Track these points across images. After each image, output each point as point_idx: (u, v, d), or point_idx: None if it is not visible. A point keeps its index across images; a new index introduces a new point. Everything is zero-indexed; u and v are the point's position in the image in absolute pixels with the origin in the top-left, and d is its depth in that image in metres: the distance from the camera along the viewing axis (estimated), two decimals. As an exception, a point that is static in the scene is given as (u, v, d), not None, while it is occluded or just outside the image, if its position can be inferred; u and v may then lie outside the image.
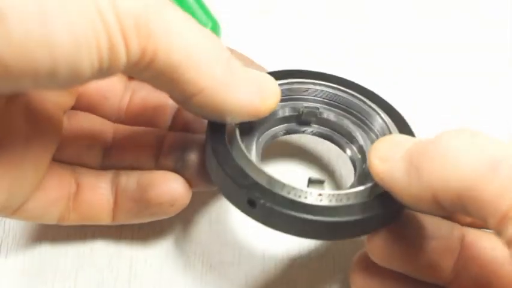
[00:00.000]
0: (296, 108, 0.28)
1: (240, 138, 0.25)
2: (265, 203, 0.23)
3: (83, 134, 0.27)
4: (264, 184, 0.23)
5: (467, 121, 0.35)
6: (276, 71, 0.28)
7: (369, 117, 0.28)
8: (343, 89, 0.28)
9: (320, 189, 0.24)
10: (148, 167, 0.27)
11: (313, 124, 0.29)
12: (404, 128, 0.27)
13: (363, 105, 0.28)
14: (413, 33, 0.39)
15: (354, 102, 0.28)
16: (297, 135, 0.31)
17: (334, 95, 0.28)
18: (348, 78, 0.29)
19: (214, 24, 0.33)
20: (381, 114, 0.27)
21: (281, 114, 0.28)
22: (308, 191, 0.23)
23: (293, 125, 0.29)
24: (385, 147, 0.23)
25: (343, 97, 0.28)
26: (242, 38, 0.37)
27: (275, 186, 0.23)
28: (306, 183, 0.25)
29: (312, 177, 0.25)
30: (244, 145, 0.25)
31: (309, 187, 0.25)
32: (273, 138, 0.29)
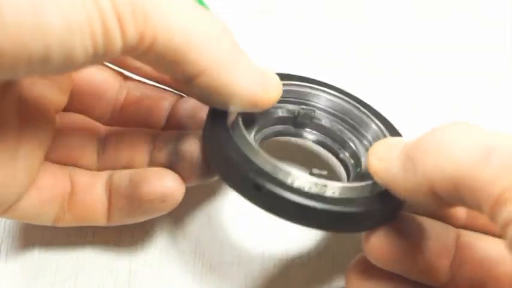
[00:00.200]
0: (292, 110, 0.29)
1: (243, 125, 0.25)
2: (271, 188, 0.22)
3: (76, 134, 0.27)
4: (269, 171, 0.23)
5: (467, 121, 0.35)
6: (277, 73, 0.28)
7: (363, 123, 0.28)
8: (340, 95, 0.28)
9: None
10: (143, 166, 0.27)
11: (308, 128, 0.29)
12: (397, 136, 0.27)
13: (358, 112, 0.28)
14: (413, 33, 0.39)
15: (350, 109, 0.28)
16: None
17: (331, 100, 0.29)
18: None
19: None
20: (375, 121, 0.28)
21: (278, 114, 0.28)
22: (313, 181, 0.23)
23: (288, 127, 0.29)
24: (383, 149, 0.23)
25: (339, 103, 0.29)
26: (242, 38, 0.37)
27: (280, 173, 0.23)
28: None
29: (314, 170, 0.25)
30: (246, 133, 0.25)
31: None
32: (267, 137, 0.29)
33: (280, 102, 0.26)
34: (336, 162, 0.29)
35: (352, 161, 0.28)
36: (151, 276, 0.29)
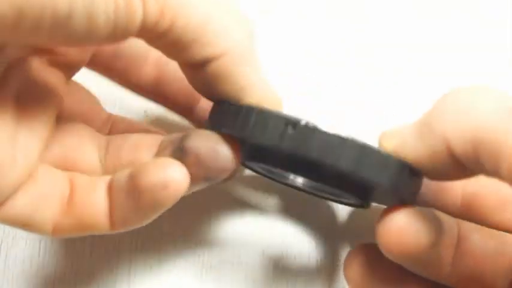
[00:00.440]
0: None
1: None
2: (307, 123, 0.21)
3: (74, 135, 0.26)
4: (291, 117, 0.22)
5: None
6: None
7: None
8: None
9: None
10: None
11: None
12: None
13: None
14: (413, 33, 0.39)
15: None
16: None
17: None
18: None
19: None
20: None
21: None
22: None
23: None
24: (393, 128, 0.23)
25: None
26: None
27: (302, 121, 0.22)
28: None
29: None
30: None
31: None
32: None
33: None
34: None
35: None
36: (150, 277, 0.29)
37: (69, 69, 0.26)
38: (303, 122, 0.21)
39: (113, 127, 0.28)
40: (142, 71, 0.28)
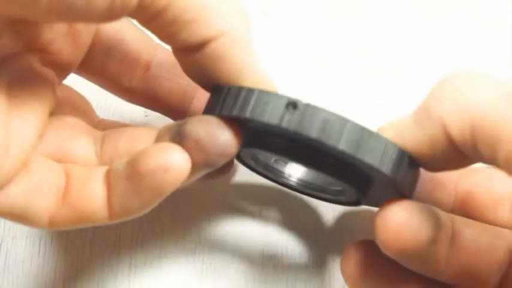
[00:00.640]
0: None
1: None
2: (309, 103, 0.21)
3: (68, 126, 0.26)
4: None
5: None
6: None
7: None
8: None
9: None
10: None
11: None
12: None
13: None
14: (414, 34, 0.39)
15: None
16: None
17: None
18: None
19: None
20: None
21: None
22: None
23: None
24: (391, 121, 0.22)
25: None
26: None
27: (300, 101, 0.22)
28: None
29: None
30: None
31: None
32: None
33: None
34: None
35: None
36: (151, 275, 0.29)
37: (62, 70, 0.25)
38: (304, 102, 0.21)
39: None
40: (135, 74, 0.28)
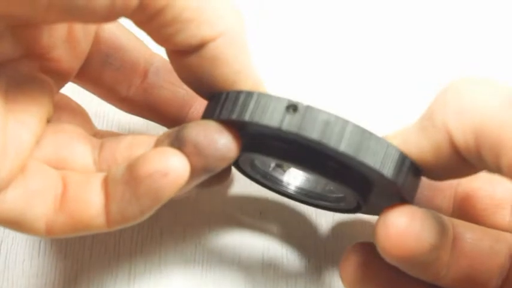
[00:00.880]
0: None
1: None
2: (309, 105, 0.21)
3: (65, 132, 0.25)
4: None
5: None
6: None
7: None
8: None
9: None
10: None
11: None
12: None
13: None
14: (414, 33, 0.39)
15: None
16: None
17: None
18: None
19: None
20: None
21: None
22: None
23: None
24: (396, 130, 0.22)
25: None
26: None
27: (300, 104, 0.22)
28: None
29: None
30: None
31: None
32: None
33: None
34: None
35: None
36: (150, 277, 0.29)
37: (60, 77, 0.25)
38: (305, 104, 0.21)
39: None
40: (132, 82, 0.28)
